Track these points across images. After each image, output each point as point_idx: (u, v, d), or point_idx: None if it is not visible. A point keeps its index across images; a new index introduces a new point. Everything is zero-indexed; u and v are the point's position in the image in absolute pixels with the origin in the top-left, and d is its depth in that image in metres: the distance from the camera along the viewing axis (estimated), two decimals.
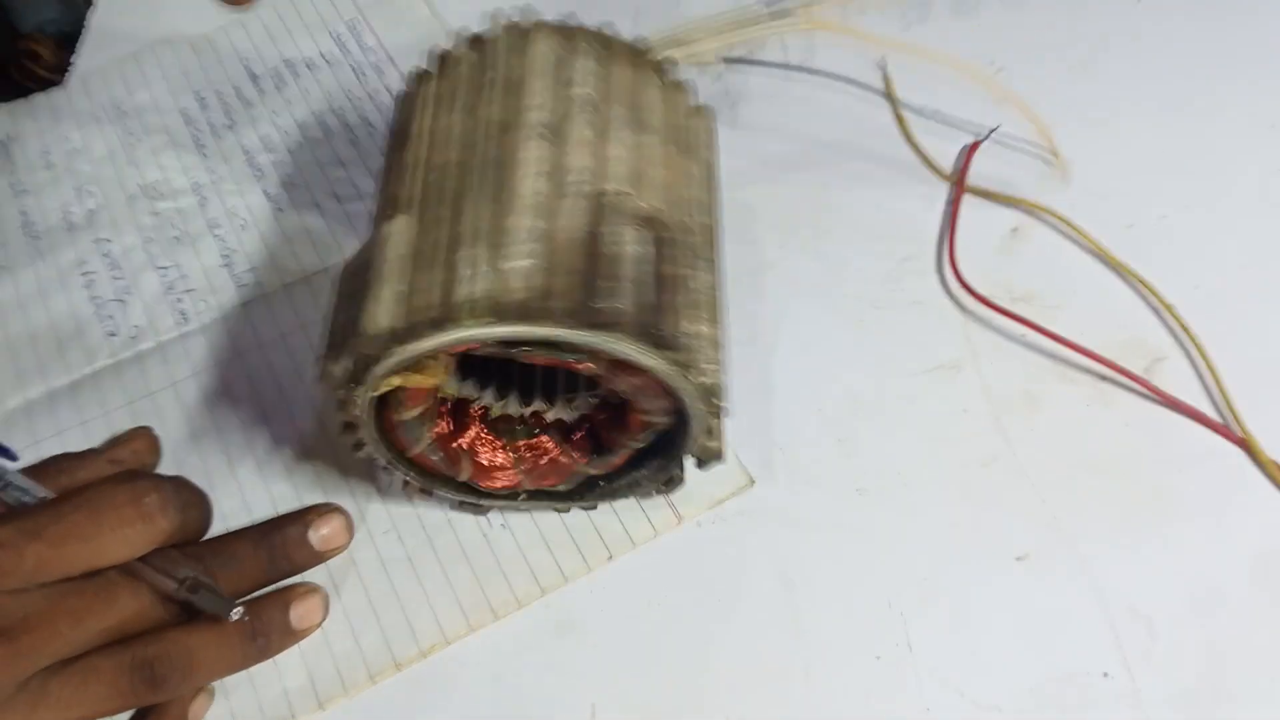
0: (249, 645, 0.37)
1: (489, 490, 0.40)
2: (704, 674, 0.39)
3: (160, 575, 0.35)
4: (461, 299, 0.32)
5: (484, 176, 0.35)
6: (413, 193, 0.36)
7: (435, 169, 0.36)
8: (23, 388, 0.48)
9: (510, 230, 0.33)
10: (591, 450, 0.40)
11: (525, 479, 0.40)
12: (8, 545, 0.33)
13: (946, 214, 0.49)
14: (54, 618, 0.34)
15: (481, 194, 0.34)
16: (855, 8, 0.58)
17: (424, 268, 0.33)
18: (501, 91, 0.37)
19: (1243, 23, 0.55)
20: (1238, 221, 0.48)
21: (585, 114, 0.37)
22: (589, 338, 0.32)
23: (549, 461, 0.40)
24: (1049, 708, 0.37)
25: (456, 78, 0.39)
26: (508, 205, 0.34)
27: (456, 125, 0.37)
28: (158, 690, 0.35)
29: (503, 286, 0.32)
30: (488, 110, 0.37)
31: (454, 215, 0.34)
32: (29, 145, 0.56)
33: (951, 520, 0.41)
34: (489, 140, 0.36)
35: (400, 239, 0.34)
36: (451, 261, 0.33)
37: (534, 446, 0.40)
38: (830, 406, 0.44)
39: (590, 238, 0.33)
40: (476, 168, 0.35)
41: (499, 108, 0.37)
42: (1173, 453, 0.42)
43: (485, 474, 0.39)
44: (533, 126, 0.36)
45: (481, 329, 0.31)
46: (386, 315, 0.33)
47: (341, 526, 0.41)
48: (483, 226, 0.33)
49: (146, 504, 0.35)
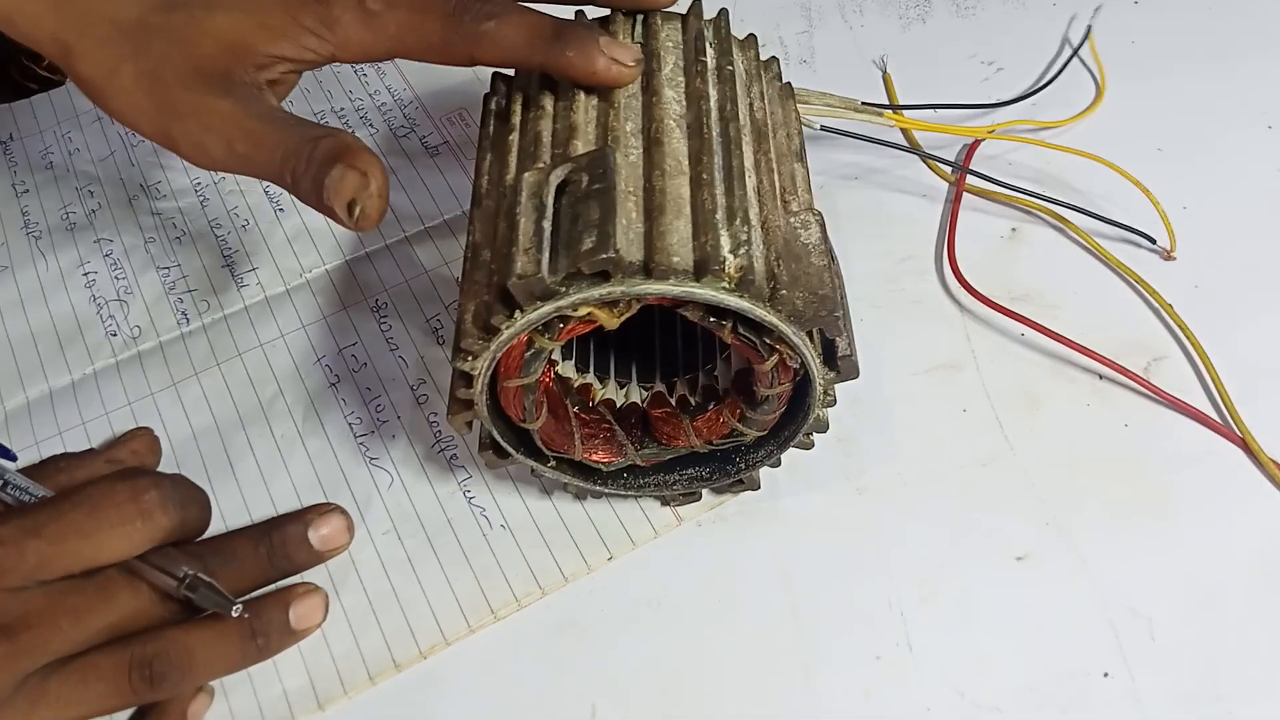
0: (248, 644, 0.37)
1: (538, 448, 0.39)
2: (704, 674, 0.39)
3: (160, 573, 0.36)
4: (715, 258, 0.31)
5: (717, 150, 0.35)
6: (617, 133, 0.35)
7: (656, 121, 0.35)
8: (23, 388, 0.48)
9: (743, 211, 0.33)
10: (641, 440, 0.40)
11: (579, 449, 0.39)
12: (8, 543, 0.33)
13: (946, 214, 0.49)
14: (54, 615, 0.34)
15: (718, 164, 0.34)
16: (855, 7, 0.58)
17: (664, 212, 0.33)
18: (715, 77, 0.37)
19: (1241, 22, 0.55)
20: (1237, 221, 0.48)
21: (772, 129, 0.38)
22: (797, 339, 0.33)
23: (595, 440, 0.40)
24: (1049, 708, 0.37)
25: (664, 39, 0.39)
26: (740, 186, 0.34)
27: (670, 90, 0.37)
28: (157, 688, 0.35)
29: (748, 264, 0.32)
30: (704, 88, 0.37)
31: (691, 176, 0.34)
32: (29, 145, 0.56)
33: (951, 520, 0.41)
34: (712, 117, 0.36)
35: (628, 174, 0.34)
36: (701, 220, 0.33)
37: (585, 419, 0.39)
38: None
39: (798, 246, 0.34)
40: (709, 138, 0.35)
41: (713, 93, 0.37)
42: (1173, 452, 0.42)
43: (552, 430, 0.39)
44: (747, 125, 0.37)
45: (726, 295, 0.32)
46: (630, 245, 0.32)
47: (342, 526, 0.41)
48: (723, 198, 0.33)
49: (146, 501, 0.35)
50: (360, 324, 0.48)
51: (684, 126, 0.36)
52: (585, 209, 0.32)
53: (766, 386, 0.35)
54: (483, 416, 0.36)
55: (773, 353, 0.34)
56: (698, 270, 0.31)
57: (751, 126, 0.38)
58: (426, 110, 0.55)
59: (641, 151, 0.35)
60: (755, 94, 0.39)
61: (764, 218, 0.34)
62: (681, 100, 0.36)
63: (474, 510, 0.43)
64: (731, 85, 0.37)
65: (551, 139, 0.36)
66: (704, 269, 0.31)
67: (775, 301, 0.32)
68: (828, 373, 0.35)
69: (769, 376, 0.35)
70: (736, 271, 0.32)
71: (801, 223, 0.35)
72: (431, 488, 0.43)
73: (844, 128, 0.46)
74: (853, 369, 0.35)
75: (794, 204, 0.37)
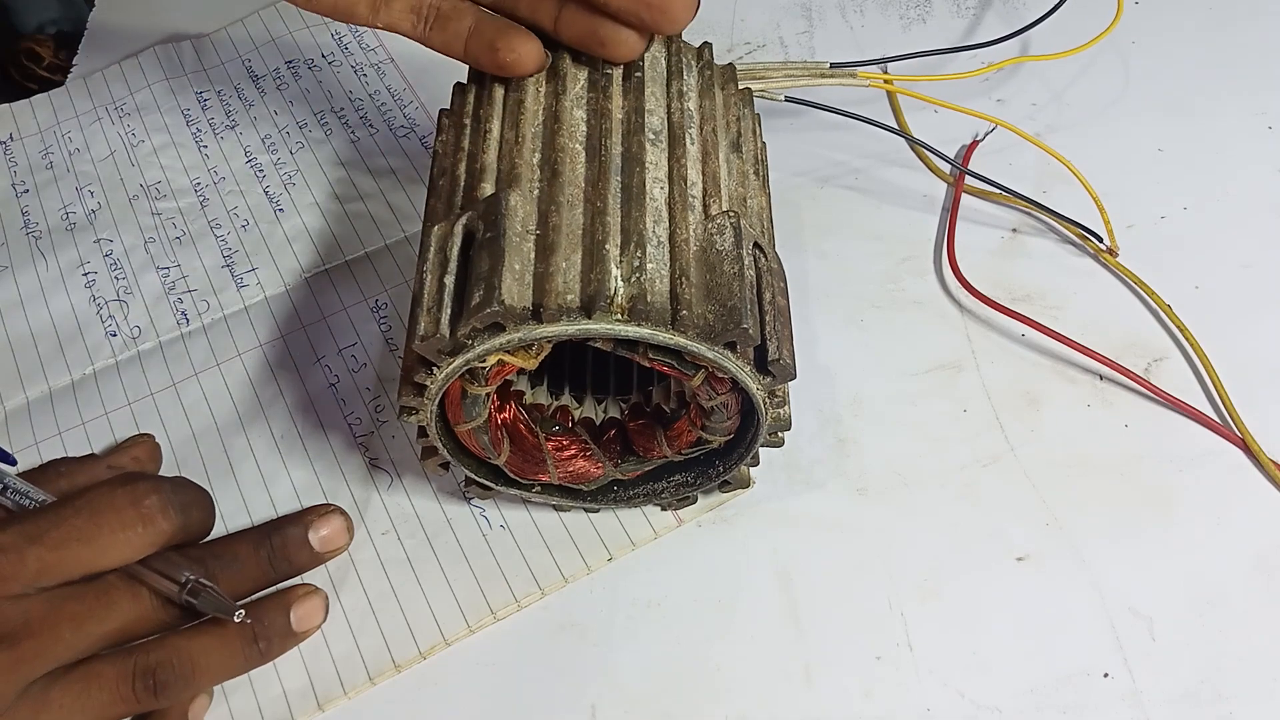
0: (250, 649, 0.37)
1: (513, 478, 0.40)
2: (704, 674, 0.39)
3: (162, 578, 0.35)
4: (603, 293, 0.31)
5: (613, 172, 0.34)
6: (518, 169, 0.35)
7: (557, 150, 0.35)
8: (23, 388, 0.48)
9: (642, 232, 0.33)
10: (620, 455, 0.40)
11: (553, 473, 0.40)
12: (9, 550, 0.33)
13: (946, 214, 0.49)
14: (55, 623, 0.34)
15: (612, 189, 0.34)
16: (855, 7, 0.58)
17: (557, 251, 0.32)
18: (620, 89, 0.37)
19: (1241, 23, 0.55)
20: (1237, 221, 0.48)
21: (694, 128, 0.37)
22: (716, 355, 0.32)
23: (575, 460, 0.40)
24: (1049, 708, 0.37)
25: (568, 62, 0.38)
26: (641, 206, 0.33)
27: (575, 111, 0.36)
28: (160, 697, 0.35)
29: (644, 289, 0.31)
30: (608, 104, 0.36)
31: (586, 204, 0.34)
32: (29, 145, 0.56)
33: (951, 520, 0.41)
34: (613, 135, 0.35)
35: (525, 214, 0.34)
36: (595, 251, 0.32)
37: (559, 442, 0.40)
38: (830, 406, 0.44)
39: (713, 255, 0.33)
40: (607, 161, 0.35)
41: (619, 105, 0.36)
42: (1173, 453, 0.42)
43: (520, 462, 0.39)
44: (657, 132, 0.36)
45: (622, 326, 0.31)
46: (521, 291, 0.32)
47: (341, 527, 0.41)
48: (618, 223, 0.33)
49: (147, 506, 0.35)
50: (360, 324, 0.48)
51: (584, 150, 0.35)
52: (479, 260, 0.32)
53: (707, 399, 0.35)
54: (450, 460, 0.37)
55: (697, 368, 0.33)
56: (586, 307, 0.31)
57: (667, 131, 0.36)
58: (426, 110, 0.55)
59: (543, 185, 0.34)
60: (675, 91, 0.38)
61: (673, 231, 0.34)
62: (584, 121, 0.36)
63: (473, 510, 0.43)
64: (639, 93, 0.37)
65: (466, 180, 0.36)
66: (592, 305, 0.31)
67: (679, 323, 0.31)
68: (762, 378, 0.34)
69: (705, 390, 0.35)
70: (628, 301, 0.31)
71: (718, 228, 0.34)
72: (431, 488, 0.43)
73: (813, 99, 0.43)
74: (786, 372, 0.34)
75: (714, 206, 0.35)
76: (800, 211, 0.50)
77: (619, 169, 0.34)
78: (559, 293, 0.31)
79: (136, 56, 0.59)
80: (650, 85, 0.37)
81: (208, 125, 0.56)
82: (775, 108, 0.44)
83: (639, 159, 0.35)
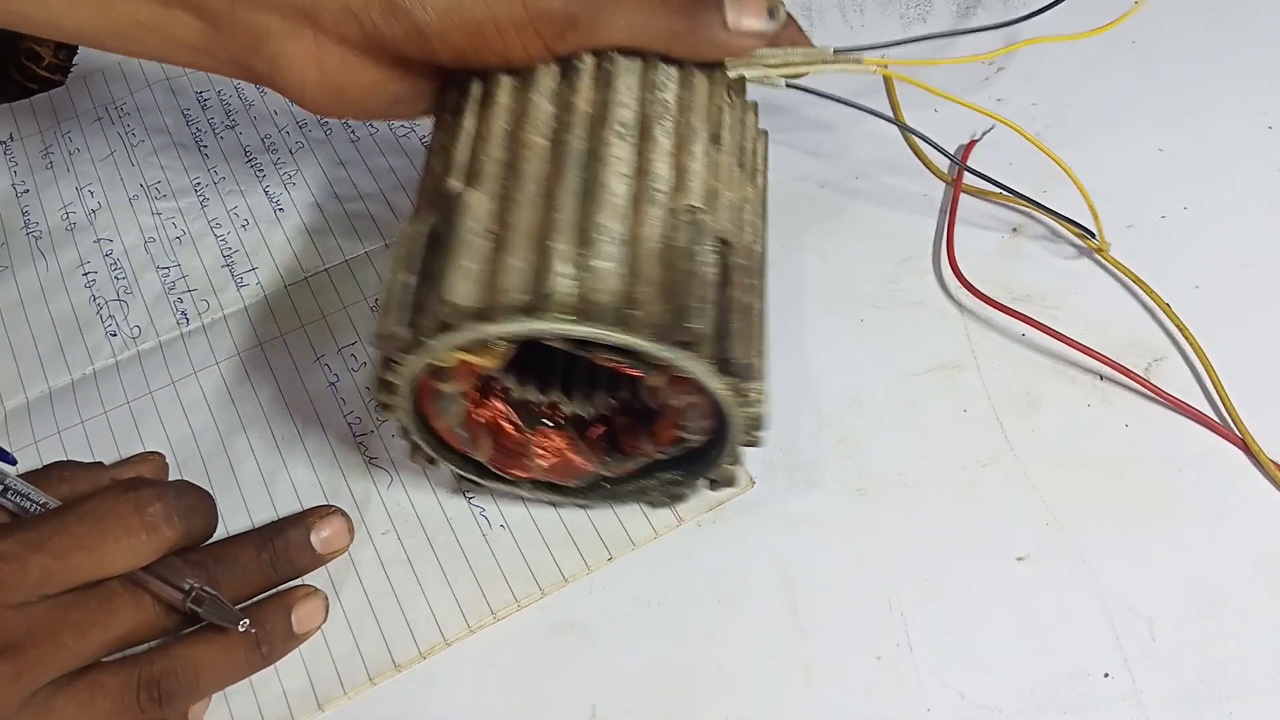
0: (254, 654, 0.37)
1: (499, 474, 0.40)
2: (704, 674, 0.39)
3: (165, 585, 0.35)
4: (552, 291, 0.31)
5: (573, 167, 0.34)
6: (483, 165, 0.34)
7: (521, 145, 0.34)
8: (23, 388, 0.48)
9: (598, 228, 0.32)
10: (607, 451, 0.40)
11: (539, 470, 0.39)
12: (11, 558, 0.33)
13: (945, 214, 0.49)
14: (58, 631, 0.33)
15: (570, 185, 0.33)
16: (855, 6, 0.58)
17: (509, 249, 0.32)
18: (590, 81, 0.36)
19: (1242, 23, 0.55)
20: (1237, 221, 0.48)
21: (667, 120, 0.36)
22: (669, 354, 0.32)
23: (560, 456, 0.39)
24: (1049, 708, 0.37)
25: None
26: (597, 202, 0.33)
27: (543, 105, 0.35)
28: (165, 707, 0.35)
29: (593, 287, 0.31)
30: (575, 98, 0.36)
31: (543, 201, 0.33)
32: (29, 145, 0.56)
33: (951, 520, 0.41)
34: (576, 130, 0.35)
35: (481, 211, 0.33)
36: (543, 249, 0.32)
37: (546, 438, 0.39)
38: (830, 406, 0.44)
39: (671, 251, 0.33)
40: (566, 156, 0.34)
41: (588, 99, 0.36)
42: (1173, 453, 0.42)
43: (503, 458, 0.39)
44: (626, 125, 0.35)
45: (568, 325, 0.31)
46: (470, 290, 0.31)
47: (342, 528, 0.41)
48: (573, 219, 0.33)
49: (151, 514, 0.35)
50: (360, 324, 0.48)
51: (550, 145, 0.35)
52: (433, 259, 0.32)
53: (674, 399, 0.35)
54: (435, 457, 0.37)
55: (653, 368, 0.33)
56: (531, 306, 0.31)
57: (637, 121, 0.35)
58: None
59: (505, 181, 0.34)
60: (651, 82, 0.37)
61: (633, 227, 0.33)
62: (550, 114, 0.35)
63: (473, 510, 0.43)
64: (608, 84, 0.36)
65: (439, 176, 0.36)
66: (539, 304, 0.31)
67: (629, 321, 0.31)
68: (726, 379, 0.33)
69: (670, 390, 0.34)
70: (577, 300, 0.31)
71: (682, 224, 0.33)
72: (431, 487, 0.43)
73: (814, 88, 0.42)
74: (749, 372, 0.33)
75: (683, 200, 0.34)
76: (800, 212, 0.50)
77: (581, 164, 0.34)
78: (506, 291, 0.31)
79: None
80: (625, 76, 0.36)
81: (208, 125, 0.56)
82: (777, 105, 0.44)
83: (601, 154, 0.34)
